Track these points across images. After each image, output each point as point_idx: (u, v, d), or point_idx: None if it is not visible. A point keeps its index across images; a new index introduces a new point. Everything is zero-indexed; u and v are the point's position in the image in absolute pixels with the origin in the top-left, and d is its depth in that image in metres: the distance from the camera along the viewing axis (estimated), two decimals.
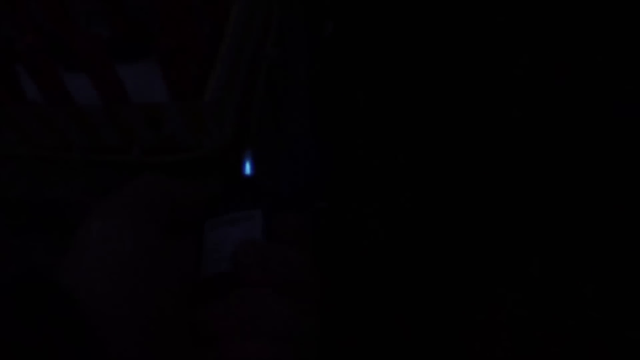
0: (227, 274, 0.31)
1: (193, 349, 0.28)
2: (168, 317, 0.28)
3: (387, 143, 0.69)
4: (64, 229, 0.57)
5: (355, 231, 0.66)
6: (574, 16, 0.71)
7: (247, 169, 0.37)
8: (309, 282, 0.30)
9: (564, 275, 0.62)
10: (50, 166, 0.57)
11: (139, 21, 0.61)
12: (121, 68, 0.52)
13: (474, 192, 0.66)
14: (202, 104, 0.48)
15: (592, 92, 0.70)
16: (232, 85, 0.51)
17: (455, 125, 0.68)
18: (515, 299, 0.61)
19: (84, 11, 0.62)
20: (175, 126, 0.51)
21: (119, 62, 0.53)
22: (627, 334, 0.57)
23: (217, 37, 0.51)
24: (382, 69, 0.70)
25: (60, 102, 0.53)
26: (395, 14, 0.70)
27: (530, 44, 0.72)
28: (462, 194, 0.67)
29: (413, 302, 0.62)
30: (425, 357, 0.58)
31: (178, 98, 0.50)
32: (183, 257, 0.31)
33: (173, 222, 0.31)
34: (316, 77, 0.60)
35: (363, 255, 0.65)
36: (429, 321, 0.61)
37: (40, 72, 0.52)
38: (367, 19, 0.71)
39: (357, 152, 0.67)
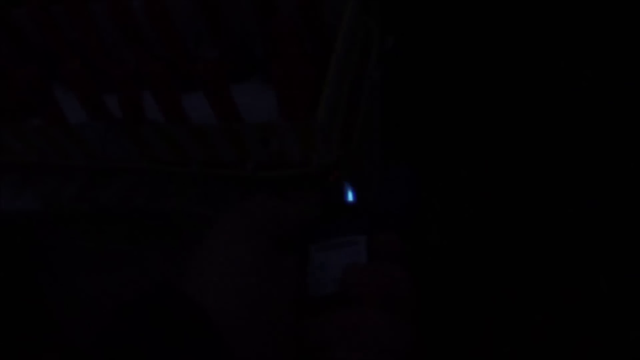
0: (333, 295, 0.33)
1: (301, 359, 0.30)
2: (283, 329, 0.31)
3: (453, 156, 0.70)
4: (179, 238, 0.62)
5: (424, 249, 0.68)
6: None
7: (350, 195, 0.40)
8: (410, 297, 0.33)
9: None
10: (166, 179, 0.61)
11: (244, 43, 0.65)
12: (233, 88, 0.56)
13: (534, 204, 0.67)
14: (314, 124, 0.51)
15: None
16: (340, 105, 0.54)
17: (519, 138, 0.68)
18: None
19: (192, 34, 0.66)
20: (285, 144, 0.54)
21: (230, 82, 0.57)
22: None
23: (325, 59, 0.55)
24: (443, 82, 0.71)
25: (179, 121, 0.57)
26: (457, 25, 0.71)
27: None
28: (525, 208, 0.68)
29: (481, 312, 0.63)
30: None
31: (289, 118, 0.54)
32: (290, 274, 0.34)
33: (280, 240, 0.35)
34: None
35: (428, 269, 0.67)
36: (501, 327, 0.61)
37: (161, 94, 0.56)
38: (430, 32, 0.72)
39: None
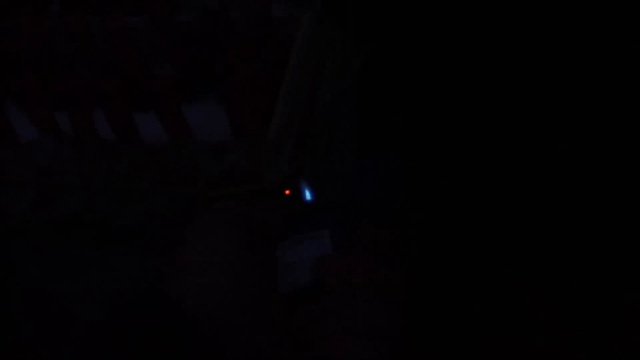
0: (306, 288, 0.33)
1: (294, 352, 0.30)
2: (273, 323, 0.30)
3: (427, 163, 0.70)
4: (146, 241, 0.60)
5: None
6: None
7: (307, 195, 0.40)
8: (392, 282, 0.32)
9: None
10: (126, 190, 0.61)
11: (201, 60, 0.65)
12: (186, 107, 0.56)
13: (519, 196, 0.67)
14: (265, 141, 0.51)
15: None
16: (292, 122, 0.54)
17: (498, 148, 0.69)
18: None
19: (148, 51, 0.66)
20: (237, 161, 0.54)
21: (183, 101, 0.57)
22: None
23: (278, 75, 0.55)
24: (416, 93, 0.72)
25: (131, 138, 0.57)
26: (427, 35, 0.72)
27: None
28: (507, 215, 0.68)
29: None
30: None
31: (240, 135, 0.54)
32: (273, 271, 0.34)
33: (260, 239, 0.34)
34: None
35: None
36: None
37: (113, 112, 0.56)
38: (403, 44, 0.73)
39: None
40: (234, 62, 0.53)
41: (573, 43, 0.71)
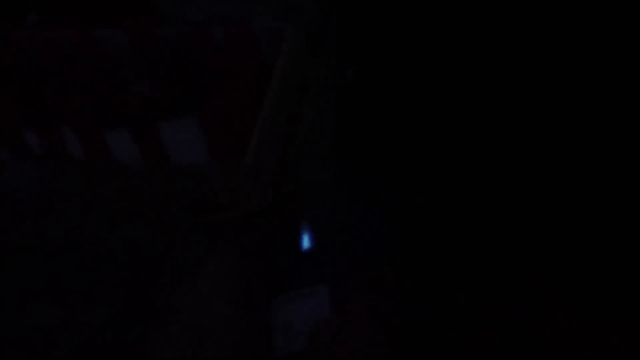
0: (302, 351, 0.32)
1: None
2: None
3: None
4: (127, 265, 0.57)
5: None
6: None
7: (305, 242, 0.39)
8: (379, 355, 0.32)
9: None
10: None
11: (181, 77, 0.62)
12: (162, 126, 0.53)
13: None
14: (242, 166, 0.48)
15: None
16: (272, 146, 0.51)
17: (481, 168, 0.66)
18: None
19: (124, 66, 0.63)
20: (213, 186, 0.50)
21: (159, 120, 0.53)
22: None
23: (258, 98, 0.52)
24: (403, 114, 0.70)
25: (101, 158, 0.53)
26: (413, 56, 0.70)
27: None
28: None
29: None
30: None
31: (218, 157, 0.50)
32: (256, 331, 0.33)
33: (245, 295, 0.33)
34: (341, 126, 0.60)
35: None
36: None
37: (83, 130, 0.52)
38: (390, 65, 0.71)
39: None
40: (214, 81, 0.50)
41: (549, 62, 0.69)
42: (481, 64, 0.71)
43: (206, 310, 0.31)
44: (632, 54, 0.66)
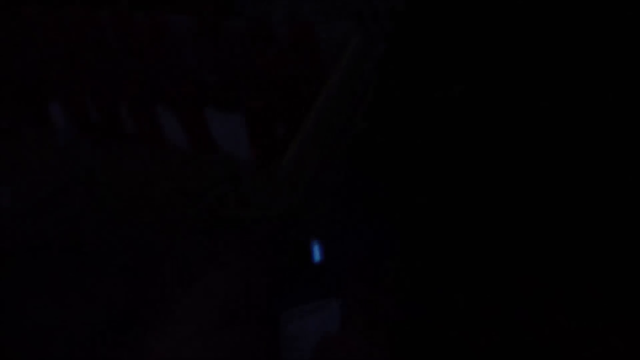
0: None
1: None
2: None
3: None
4: (128, 268, 0.59)
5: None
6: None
7: (317, 255, 0.39)
8: (379, 355, 0.32)
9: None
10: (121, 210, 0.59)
11: (241, 70, 0.63)
12: (213, 116, 0.54)
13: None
14: (279, 167, 0.48)
15: None
16: (311, 153, 0.51)
17: (481, 168, 0.64)
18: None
19: (191, 56, 0.64)
20: (249, 183, 0.51)
21: (212, 109, 0.54)
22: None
23: (309, 103, 0.52)
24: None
25: (152, 135, 0.55)
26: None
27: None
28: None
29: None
30: None
31: (259, 156, 0.51)
32: (261, 346, 0.33)
33: (249, 308, 0.34)
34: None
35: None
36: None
37: (139, 106, 0.54)
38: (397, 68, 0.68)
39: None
40: (260, 83, 0.50)
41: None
42: (483, 66, 0.67)
43: (206, 311, 0.31)
44: (632, 54, 0.62)
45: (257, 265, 0.38)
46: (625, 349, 0.50)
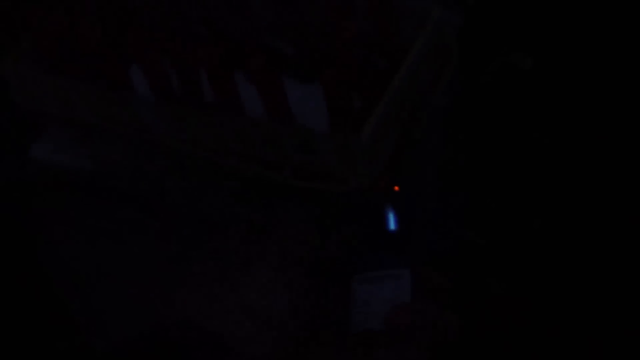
0: (377, 331, 0.33)
1: None
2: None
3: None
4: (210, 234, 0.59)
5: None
6: None
7: (392, 223, 0.39)
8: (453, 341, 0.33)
9: None
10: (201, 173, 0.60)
11: (319, 40, 0.62)
12: (298, 87, 0.54)
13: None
14: (356, 140, 0.48)
15: None
16: (390, 127, 0.51)
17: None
18: None
19: (266, 23, 0.64)
20: (327, 156, 0.51)
21: (297, 80, 0.54)
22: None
23: (389, 75, 0.51)
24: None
25: (232, 108, 0.56)
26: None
27: None
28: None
29: None
30: None
31: (336, 128, 0.51)
32: (331, 307, 0.34)
33: (320, 271, 0.35)
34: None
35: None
36: None
37: (217, 73, 0.55)
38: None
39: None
40: (338, 53, 0.50)
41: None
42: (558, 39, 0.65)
43: (278, 274, 0.32)
44: (632, 56, 0.60)
45: (332, 238, 0.38)
46: (625, 349, 0.49)
